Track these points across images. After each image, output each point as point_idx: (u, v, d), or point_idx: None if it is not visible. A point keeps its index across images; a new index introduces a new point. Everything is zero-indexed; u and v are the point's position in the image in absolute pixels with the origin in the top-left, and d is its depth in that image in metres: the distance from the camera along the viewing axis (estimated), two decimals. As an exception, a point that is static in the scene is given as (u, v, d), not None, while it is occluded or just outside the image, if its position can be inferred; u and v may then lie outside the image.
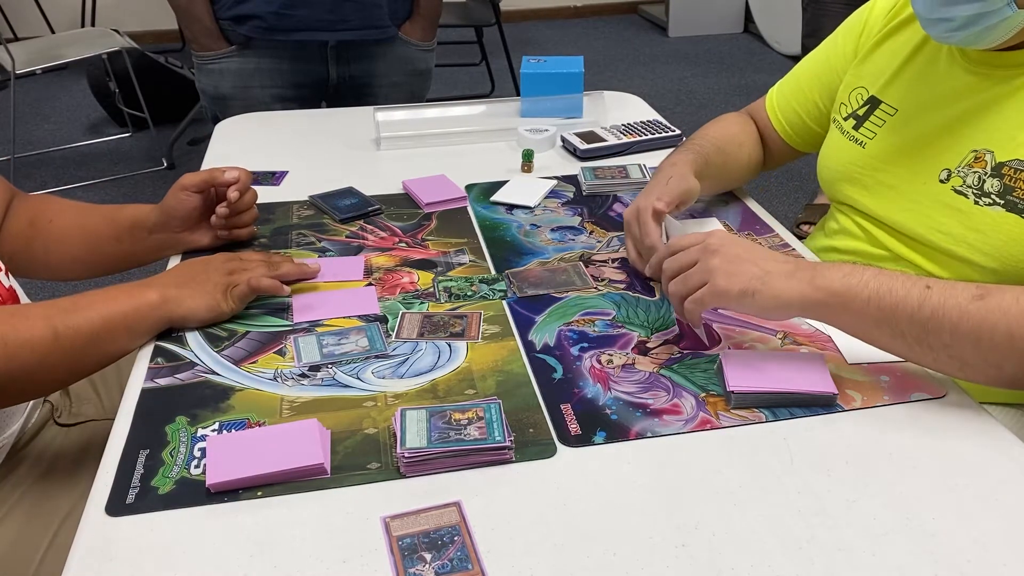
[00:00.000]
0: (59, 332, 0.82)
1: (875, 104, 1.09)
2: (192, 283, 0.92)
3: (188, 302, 0.91)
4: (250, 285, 0.93)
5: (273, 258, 1.01)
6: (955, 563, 0.66)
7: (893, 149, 1.05)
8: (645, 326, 0.95)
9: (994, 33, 0.89)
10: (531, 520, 0.70)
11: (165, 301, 0.90)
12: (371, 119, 1.46)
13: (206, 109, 1.85)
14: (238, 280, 0.94)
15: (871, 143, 1.08)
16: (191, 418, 0.80)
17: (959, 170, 0.97)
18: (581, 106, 1.54)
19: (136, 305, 0.88)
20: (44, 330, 0.82)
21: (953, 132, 0.99)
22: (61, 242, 1.07)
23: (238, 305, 0.94)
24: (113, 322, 0.86)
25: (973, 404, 0.83)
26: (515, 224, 1.18)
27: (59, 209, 1.09)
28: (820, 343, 0.91)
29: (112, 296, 0.88)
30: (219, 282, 0.93)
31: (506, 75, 4.00)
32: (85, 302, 0.86)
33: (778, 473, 0.74)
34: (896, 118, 1.06)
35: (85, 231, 1.08)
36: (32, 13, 4.52)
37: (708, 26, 5.04)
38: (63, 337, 0.82)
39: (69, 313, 0.84)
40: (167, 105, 3.50)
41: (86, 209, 1.10)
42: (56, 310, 0.84)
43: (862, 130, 1.09)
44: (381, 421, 0.80)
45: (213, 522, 0.70)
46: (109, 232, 1.07)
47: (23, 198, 1.10)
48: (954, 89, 1.00)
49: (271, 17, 1.66)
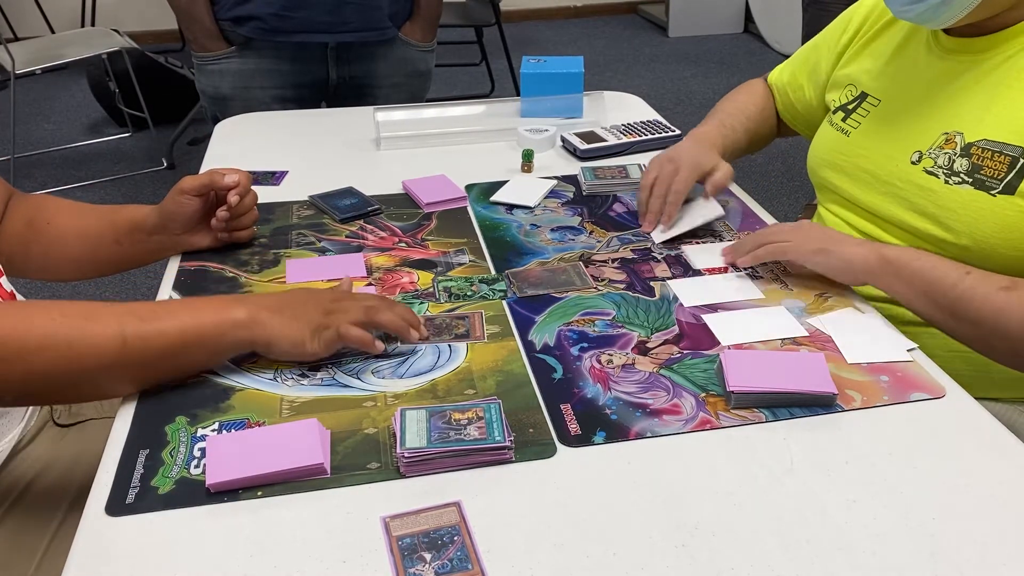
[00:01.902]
0: (128, 340, 0.78)
1: (863, 98, 1.15)
2: (287, 311, 0.85)
3: (277, 329, 0.84)
4: (339, 333, 0.86)
5: (382, 303, 0.91)
6: (955, 563, 0.66)
7: (873, 136, 1.11)
8: (645, 326, 0.95)
9: (949, 9, 0.93)
10: (531, 520, 0.70)
11: (254, 322, 0.83)
12: (371, 119, 1.46)
13: (206, 109, 1.85)
14: (332, 323, 0.86)
15: (855, 132, 1.14)
16: (191, 418, 0.80)
17: (930, 151, 1.02)
18: (581, 106, 1.54)
19: (220, 320, 0.82)
20: (114, 337, 0.78)
21: (926, 116, 1.04)
22: (59, 244, 1.07)
23: (323, 350, 0.85)
24: (191, 336, 0.81)
25: (973, 404, 0.83)
26: (515, 224, 1.18)
27: (56, 210, 1.08)
28: (820, 343, 0.91)
29: (197, 308, 0.83)
30: (314, 319, 0.85)
31: (506, 75, 4.00)
32: (165, 310, 0.82)
33: (778, 473, 0.74)
34: (879, 108, 1.12)
35: (83, 233, 1.07)
36: (32, 13, 4.52)
37: (708, 26, 5.04)
38: (131, 346, 0.78)
39: (144, 321, 0.79)
40: (167, 105, 3.50)
41: (84, 210, 1.10)
42: (132, 316, 0.79)
43: (849, 121, 1.15)
44: (381, 421, 0.80)
45: (213, 522, 0.70)
46: (108, 234, 1.07)
47: (20, 198, 1.10)
48: (929, 77, 1.06)
49: (271, 18, 1.66)
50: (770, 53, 4.70)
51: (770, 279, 1.03)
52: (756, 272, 1.05)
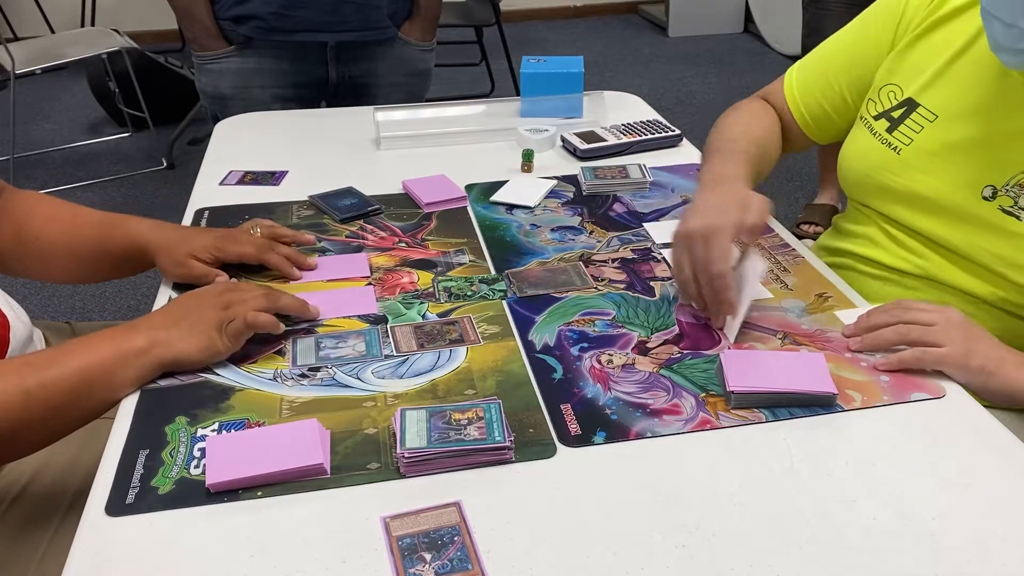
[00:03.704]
0: (30, 392, 0.76)
1: (912, 107, 1.02)
2: (183, 322, 0.84)
3: (179, 344, 0.83)
4: (246, 322, 0.86)
5: (272, 290, 0.93)
6: (955, 563, 0.65)
7: (931, 158, 0.99)
8: (645, 326, 0.95)
9: None
10: (531, 520, 0.70)
11: (153, 345, 0.82)
12: (371, 119, 1.46)
13: (206, 109, 1.85)
14: (234, 314, 0.86)
15: (907, 149, 1.01)
16: (191, 418, 0.80)
17: (1007, 189, 0.92)
18: (581, 106, 1.54)
19: (120, 352, 0.81)
20: (15, 392, 0.76)
21: (1001, 148, 0.94)
22: (49, 262, 1.03)
23: (234, 343, 0.86)
24: (92, 373, 0.79)
25: (973, 404, 0.83)
26: (515, 224, 1.18)
27: (45, 222, 1.03)
28: (820, 343, 0.91)
29: (94, 344, 0.81)
30: (212, 319, 0.85)
31: (506, 75, 4.00)
32: (61, 353, 0.80)
33: (778, 473, 0.74)
34: (936, 125, 0.99)
35: (75, 254, 1.02)
36: (32, 13, 4.52)
37: (708, 26, 5.04)
38: (34, 397, 0.76)
39: (43, 370, 0.77)
40: (167, 105, 3.50)
41: (75, 226, 1.03)
42: (29, 368, 0.77)
43: (896, 134, 1.02)
44: (381, 421, 0.80)
45: (213, 522, 0.70)
46: (104, 260, 1.02)
47: (9, 199, 1.04)
48: (1002, 101, 0.94)
49: (271, 18, 1.66)
50: (770, 53, 4.70)
51: (770, 279, 1.03)
52: (756, 272, 1.04)
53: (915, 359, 0.85)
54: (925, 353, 0.84)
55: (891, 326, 0.88)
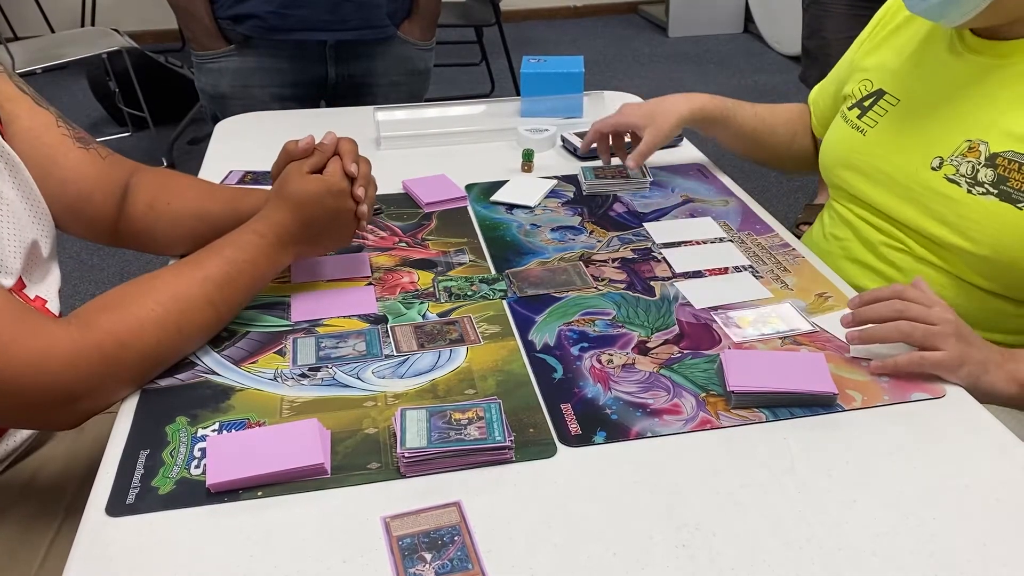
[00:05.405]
0: (220, 311, 0.89)
1: (880, 95, 1.12)
2: (323, 236, 0.97)
3: (320, 251, 1.01)
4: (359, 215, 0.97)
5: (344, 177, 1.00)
6: (955, 563, 0.66)
7: (891, 137, 1.08)
8: (645, 326, 0.95)
9: (957, 8, 0.92)
10: (531, 520, 0.70)
11: (299, 257, 0.98)
12: (371, 119, 1.46)
13: (206, 109, 1.85)
14: (341, 208, 0.96)
15: (872, 131, 1.11)
16: (191, 418, 0.80)
17: (952, 159, 0.99)
18: (581, 106, 1.54)
19: (277, 269, 0.95)
20: (210, 314, 0.88)
21: (947, 120, 1.02)
22: (179, 224, 1.05)
23: (353, 233, 1.00)
24: (257, 288, 0.93)
25: (973, 404, 0.83)
26: (515, 224, 1.18)
27: (178, 190, 1.07)
28: (820, 343, 0.91)
29: (255, 261, 0.91)
30: (350, 223, 0.97)
31: (506, 75, 4.00)
32: (236, 272, 0.89)
33: (778, 473, 0.74)
34: (898, 108, 1.09)
35: (205, 218, 1.05)
36: (32, 13, 4.52)
37: (708, 26, 5.03)
38: (223, 313, 0.90)
39: (224, 288, 0.88)
40: (167, 105, 3.50)
41: (205, 193, 1.08)
42: (213, 286, 0.87)
43: (864, 119, 1.12)
44: (381, 421, 0.80)
45: (213, 522, 0.70)
46: (232, 223, 1.01)
47: (143, 176, 1.09)
48: (950, 79, 1.03)
49: (270, 16, 1.66)
50: (770, 53, 4.70)
51: (770, 279, 1.03)
52: (757, 272, 1.05)
53: (913, 364, 0.85)
54: (923, 359, 0.84)
55: (892, 321, 0.87)
